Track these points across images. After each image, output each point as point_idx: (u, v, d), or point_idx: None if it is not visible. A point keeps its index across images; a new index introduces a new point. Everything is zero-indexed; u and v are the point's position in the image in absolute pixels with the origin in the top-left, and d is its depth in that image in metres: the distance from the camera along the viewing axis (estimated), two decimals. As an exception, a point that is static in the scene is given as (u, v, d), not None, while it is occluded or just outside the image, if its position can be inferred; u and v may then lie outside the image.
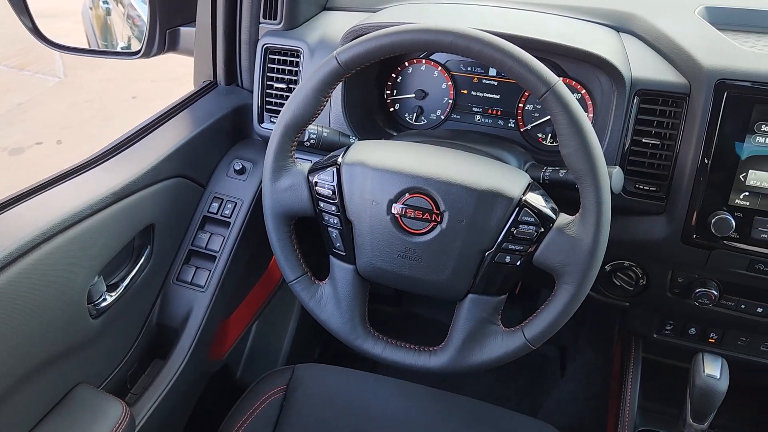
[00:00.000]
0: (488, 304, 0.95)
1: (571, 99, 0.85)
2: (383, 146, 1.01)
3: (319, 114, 0.97)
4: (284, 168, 1.00)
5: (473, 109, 1.29)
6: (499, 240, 0.91)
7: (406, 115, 1.33)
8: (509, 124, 1.26)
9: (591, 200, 0.85)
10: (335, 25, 1.30)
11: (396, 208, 0.93)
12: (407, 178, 0.92)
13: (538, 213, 0.90)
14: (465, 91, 1.28)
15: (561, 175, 1.02)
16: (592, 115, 1.17)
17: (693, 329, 1.27)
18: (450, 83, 1.29)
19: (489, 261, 0.92)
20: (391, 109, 1.34)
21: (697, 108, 1.01)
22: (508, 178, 0.93)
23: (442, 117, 1.31)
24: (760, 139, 0.99)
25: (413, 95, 1.31)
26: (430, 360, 0.99)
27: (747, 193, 1.02)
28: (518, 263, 0.92)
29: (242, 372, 1.61)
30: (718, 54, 1.02)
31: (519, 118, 1.25)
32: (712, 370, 1.03)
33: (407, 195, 0.92)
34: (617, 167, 0.99)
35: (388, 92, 1.33)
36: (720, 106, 0.99)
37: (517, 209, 0.90)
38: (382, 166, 0.94)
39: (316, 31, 1.29)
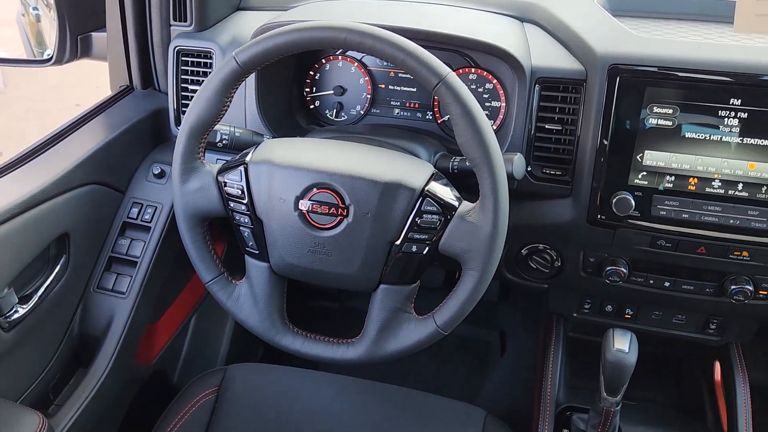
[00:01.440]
0: (400, 293, 0.97)
1: (463, 90, 0.87)
2: (290, 144, 1.02)
3: (223, 114, 0.98)
4: (193, 170, 1.00)
5: (392, 103, 1.31)
6: (404, 230, 0.93)
7: (327, 111, 1.34)
8: (427, 116, 1.29)
9: (488, 187, 0.88)
10: (248, 24, 1.30)
11: (303, 205, 0.94)
12: (312, 174, 0.94)
13: (441, 202, 0.92)
14: (383, 86, 1.30)
15: (467, 164, 1.04)
16: (504, 104, 1.20)
17: (609, 306, 1.32)
18: (367, 78, 1.30)
19: (397, 251, 0.94)
20: (311, 107, 1.35)
21: (593, 93, 1.05)
22: (410, 170, 0.95)
23: (362, 112, 1.32)
24: (653, 120, 1.03)
25: (332, 92, 1.32)
26: (348, 352, 1.01)
27: (645, 173, 1.06)
28: (425, 252, 0.94)
29: (179, 376, 1.60)
30: (612, 40, 1.06)
31: (436, 110, 1.27)
32: (621, 344, 1.07)
33: (313, 191, 0.94)
34: (518, 154, 1.03)
35: (308, 90, 1.34)
36: (614, 90, 1.03)
37: (420, 199, 0.92)
38: (288, 164, 0.95)
39: (228, 31, 1.29)
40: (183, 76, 1.28)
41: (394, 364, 1.99)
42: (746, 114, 1.00)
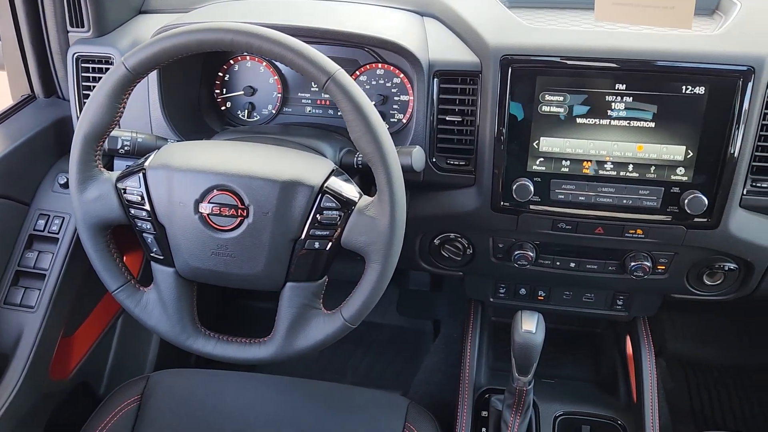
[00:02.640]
0: (307, 290, 0.98)
1: (353, 86, 0.88)
2: (189, 147, 1.01)
3: (117, 120, 0.97)
4: (90, 178, 0.99)
5: (303, 101, 1.32)
6: (305, 227, 0.94)
7: (239, 112, 1.34)
8: (339, 113, 1.30)
9: (383, 181, 0.90)
10: (149, 28, 1.29)
11: (203, 207, 0.94)
12: (210, 177, 0.94)
13: (340, 198, 0.93)
14: (293, 85, 1.30)
15: None
16: (413, 98, 1.22)
17: (523, 290, 1.36)
18: (277, 78, 1.30)
19: (300, 248, 0.95)
20: (223, 108, 1.34)
21: (488, 84, 1.08)
22: (309, 167, 0.96)
23: (274, 112, 1.32)
24: (546, 108, 1.07)
25: (242, 92, 1.32)
26: (260, 351, 1.01)
27: (542, 159, 1.10)
28: (328, 248, 0.95)
29: (106, 387, 1.57)
30: (503, 32, 1.10)
31: None
32: (529, 325, 1.11)
33: (212, 193, 0.94)
34: (417, 147, 1.05)
35: (218, 91, 1.33)
36: (507, 80, 1.06)
37: (319, 196, 0.93)
38: (186, 167, 0.95)
39: (129, 35, 1.27)
40: (84, 83, 1.26)
41: (330, 360, 2.00)
42: (631, 98, 1.05)
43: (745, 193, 1.09)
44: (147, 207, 0.97)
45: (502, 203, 1.14)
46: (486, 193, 1.14)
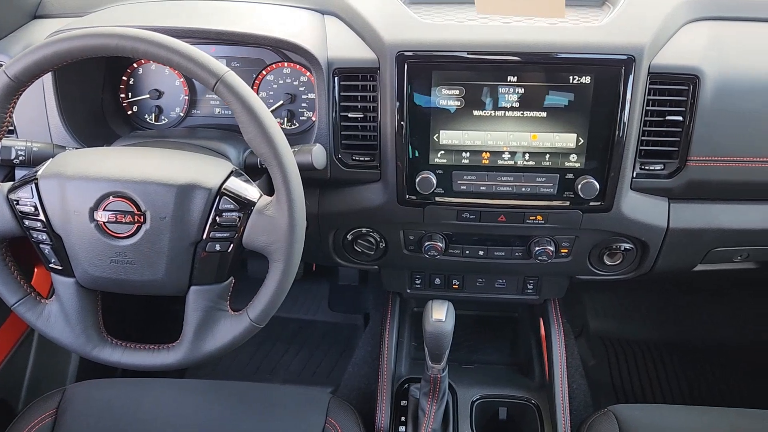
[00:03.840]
0: (212, 292, 0.98)
1: (243, 87, 0.89)
2: (84, 154, 1.00)
3: (4, 130, 0.94)
4: None
5: (211, 102, 1.31)
6: (205, 230, 0.94)
7: (146, 116, 1.32)
8: None
9: (279, 180, 0.91)
10: (43, 33, 1.25)
11: (98, 215, 0.92)
12: (104, 184, 0.92)
13: (238, 199, 0.94)
14: (200, 87, 1.29)
15: None
16: (316, 96, 1.23)
17: (438, 280, 1.39)
18: (183, 80, 1.29)
19: (201, 252, 0.95)
20: (129, 112, 1.32)
21: (386, 80, 1.10)
22: (207, 170, 0.96)
23: (182, 114, 1.31)
24: (443, 102, 1.10)
25: (148, 96, 1.30)
26: (168, 356, 1.01)
27: (443, 152, 1.13)
28: (229, 249, 0.95)
29: (24, 403, 1.53)
30: (399, 28, 1.11)
31: None
32: (439, 314, 1.14)
33: (107, 200, 0.92)
34: (317, 144, 1.06)
35: (123, 95, 1.31)
36: (403, 75, 1.08)
37: (217, 198, 0.93)
38: (79, 175, 0.93)
39: (22, 41, 1.24)
40: (-23, 92, 1.21)
41: (263, 360, 2.00)
42: (523, 89, 1.08)
43: (634, 176, 1.15)
44: (41, 217, 0.95)
45: (407, 196, 1.16)
46: (391, 188, 1.17)
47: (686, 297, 2.08)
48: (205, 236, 0.94)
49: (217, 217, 0.93)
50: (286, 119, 1.28)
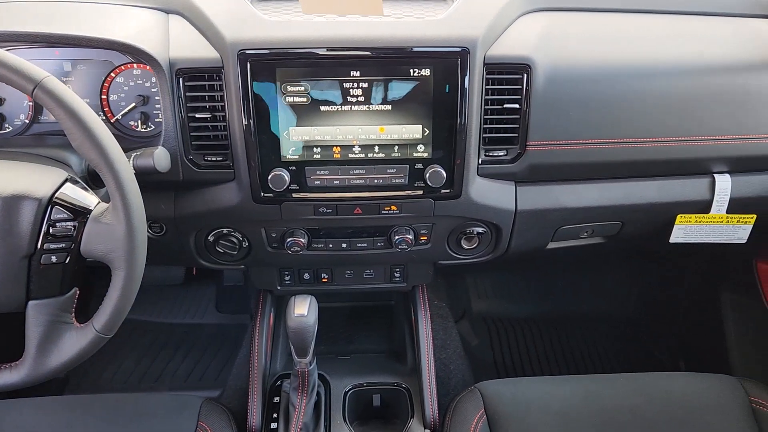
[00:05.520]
0: (53, 305, 0.94)
1: (64, 91, 0.86)
2: None
3: None
4: None
5: None
6: (38, 242, 0.90)
7: None
8: (101, 117, 1.25)
9: (112, 186, 0.88)
10: None
11: None
12: None
13: (72, 208, 0.91)
14: None
15: None
16: (160, 97, 1.20)
17: (307, 274, 1.40)
18: None
19: (36, 265, 0.91)
20: None
21: (230, 79, 1.09)
22: (36, 180, 0.92)
23: (27, 121, 1.25)
24: (290, 99, 1.10)
25: None
26: (11, 376, 0.96)
27: (294, 148, 1.14)
28: (67, 261, 0.92)
29: None
30: (241, 26, 1.11)
31: (107, 109, 1.24)
32: (301, 309, 1.15)
33: None
34: (159, 147, 1.04)
35: None
36: (247, 74, 1.08)
37: (48, 208, 0.90)
38: None
39: None
40: None
41: (148, 369, 1.95)
42: (367, 83, 1.10)
43: (480, 163, 1.20)
44: None
45: (262, 194, 1.16)
46: (246, 187, 1.16)
47: (559, 274, 2.20)
48: (38, 248, 0.91)
49: (50, 228, 0.90)
50: (140, 122, 1.25)
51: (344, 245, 1.29)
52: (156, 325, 2.12)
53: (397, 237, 1.26)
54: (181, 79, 1.11)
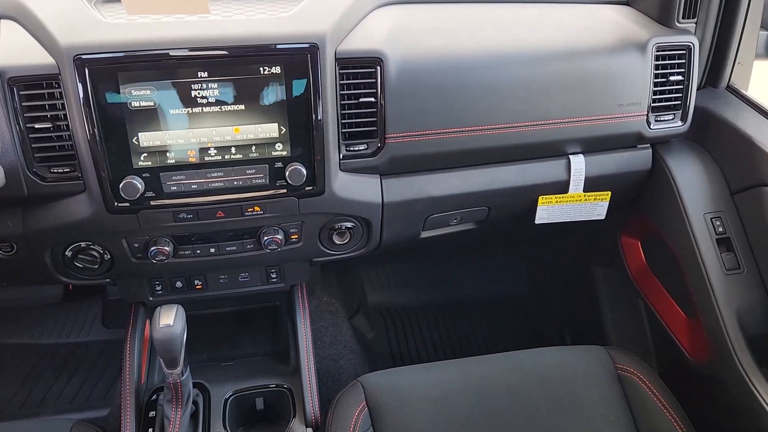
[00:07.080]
0: None
1: None
2: None
3: None
4: None
5: None
6: None
7: None
8: None
9: None
10: None
11: None
12: None
13: None
14: None
15: None
16: None
17: (179, 282, 1.36)
18: None
19: None
20: None
21: (69, 86, 1.04)
22: None
23: None
24: (135, 103, 1.06)
25: None
26: None
27: (146, 154, 1.09)
28: None
29: None
30: (77, 30, 1.05)
31: None
32: (167, 319, 1.11)
33: None
34: None
35: None
36: (86, 80, 1.03)
37: None
38: None
39: None
40: None
41: (30, 394, 1.85)
42: (216, 84, 1.08)
43: (341, 158, 1.20)
44: None
45: (116, 204, 1.12)
46: (97, 197, 1.11)
47: (454, 259, 2.25)
48: None
49: None
50: None
51: (212, 250, 1.26)
52: (37, 347, 2.01)
53: (265, 238, 1.24)
54: (15, 88, 1.05)
